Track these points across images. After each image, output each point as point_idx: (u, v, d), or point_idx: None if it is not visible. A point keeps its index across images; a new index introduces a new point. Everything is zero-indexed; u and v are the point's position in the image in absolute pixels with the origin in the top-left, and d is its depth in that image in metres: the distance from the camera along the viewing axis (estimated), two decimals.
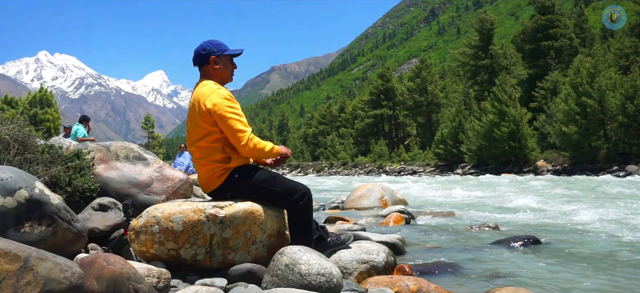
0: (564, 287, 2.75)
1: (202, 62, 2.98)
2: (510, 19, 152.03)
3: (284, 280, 2.35)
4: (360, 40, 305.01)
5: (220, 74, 2.98)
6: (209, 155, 2.85)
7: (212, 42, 3.00)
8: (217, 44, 3.00)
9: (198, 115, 2.82)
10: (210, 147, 2.84)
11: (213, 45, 2.99)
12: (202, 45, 3.00)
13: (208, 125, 2.81)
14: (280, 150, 3.00)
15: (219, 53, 2.97)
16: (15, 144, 3.46)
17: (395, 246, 3.74)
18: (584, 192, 10.99)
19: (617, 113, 25.29)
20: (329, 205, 8.70)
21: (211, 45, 2.98)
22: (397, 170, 44.29)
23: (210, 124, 2.80)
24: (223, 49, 3.00)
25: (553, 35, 40.55)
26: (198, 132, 2.86)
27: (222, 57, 2.99)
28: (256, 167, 2.98)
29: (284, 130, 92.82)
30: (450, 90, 56.32)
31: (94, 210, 3.50)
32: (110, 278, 1.98)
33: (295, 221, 2.87)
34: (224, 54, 2.99)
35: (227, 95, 2.82)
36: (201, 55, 2.98)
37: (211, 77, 2.96)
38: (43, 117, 33.82)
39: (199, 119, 2.82)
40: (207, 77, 2.96)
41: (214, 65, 2.96)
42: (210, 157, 2.85)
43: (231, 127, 2.77)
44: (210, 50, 2.96)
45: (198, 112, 2.82)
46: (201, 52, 2.98)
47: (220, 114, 2.76)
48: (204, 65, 2.98)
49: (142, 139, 62.82)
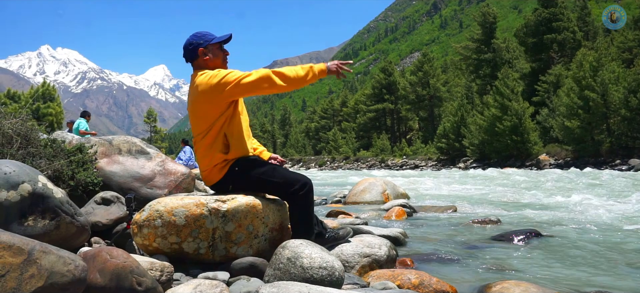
0: (566, 281, 2.75)
1: (191, 56, 2.94)
2: (513, 12, 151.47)
3: (286, 273, 2.36)
4: (362, 34, 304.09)
5: (212, 64, 2.92)
6: (211, 147, 2.84)
7: (196, 34, 2.95)
8: (203, 35, 2.94)
9: (197, 104, 2.80)
10: (211, 138, 2.83)
11: (198, 37, 2.93)
12: (188, 40, 2.95)
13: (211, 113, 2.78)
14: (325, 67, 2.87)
15: (206, 43, 2.92)
16: (18, 138, 3.47)
17: (397, 240, 3.75)
18: (587, 186, 10.97)
19: (620, 107, 25.22)
20: (331, 199, 8.71)
21: (196, 38, 2.93)
22: (399, 165, 44.29)
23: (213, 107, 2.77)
24: (209, 38, 2.94)
25: (556, 29, 40.41)
26: (199, 124, 2.84)
27: (210, 46, 2.93)
28: (256, 159, 2.96)
29: (286, 125, 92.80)
30: (452, 84, 56.19)
31: (96, 204, 3.51)
32: (113, 272, 1.99)
33: (296, 212, 2.86)
34: (211, 43, 2.93)
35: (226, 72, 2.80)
36: (189, 50, 2.93)
37: (204, 69, 2.91)
38: (46, 112, 33.88)
39: (198, 108, 2.80)
40: (201, 70, 2.91)
41: (203, 57, 2.91)
42: (211, 148, 2.84)
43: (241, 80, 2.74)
44: (197, 43, 2.91)
45: (197, 100, 2.79)
46: (188, 47, 2.93)
47: (226, 81, 2.73)
48: (194, 59, 2.94)
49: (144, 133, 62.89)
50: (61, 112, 37.38)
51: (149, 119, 54.68)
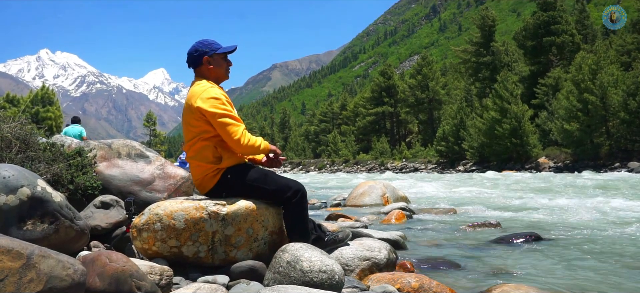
0: (566, 284, 2.75)
1: (195, 63, 2.95)
2: (512, 15, 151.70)
3: (286, 277, 2.35)
4: (362, 38, 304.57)
5: (214, 73, 2.95)
6: (202, 155, 2.84)
7: (203, 42, 2.97)
8: (209, 43, 2.96)
9: (190, 114, 2.81)
10: (202, 146, 2.83)
11: (204, 45, 2.95)
12: (194, 47, 2.97)
13: (201, 123, 2.79)
14: (269, 146, 2.96)
15: (212, 52, 2.93)
16: (17, 142, 3.47)
17: (397, 243, 3.75)
18: (586, 189, 10.97)
19: (619, 109, 25.25)
20: (331, 202, 8.70)
21: (203, 46, 2.94)
22: (399, 168, 44.30)
23: (203, 122, 2.78)
24: (215, 47, 2.95)
25: (555, 32, 40.44)
26: (191, 131, 2.85)
27: (215, 56, 2.95)
28: (248, 166, 2.95)
29: (285, 128, 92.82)
30: (451, 87, 56.23)
31: (96, 208, 3.51)
32: (112, 276, 1.98)
33: (290, 219, 2.86)
34: (216, 53, 2.95)
35: (218, 95, 2.80)
36: (194, 56, 2.95)
37: (206, 77, 2.93)
38: (45, 115, 33.85)
39: (190, 118, 2.82)
40: (203, 78, 2.93)
41: (207, 65, 2.93)
42: (202, 157, 2.84)
43: (223, 124, 2.75)
44: (203, 51, 2.93)
45: (190, 111, 2.81)
46: (193, 53, 2.95)
47: (211, 112, 2.74)
48: (198, 66, 2.95)
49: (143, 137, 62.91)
50: (60, 116, 37.36)
51: (148, 122, 54.69)
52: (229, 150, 2.86)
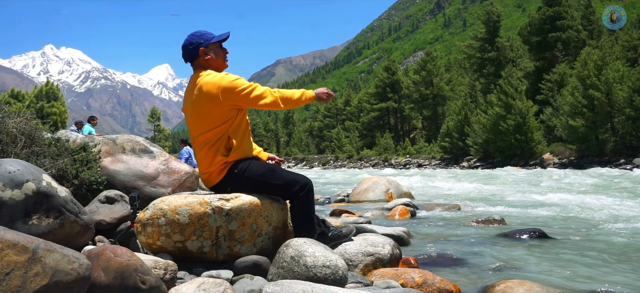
0: (570, 280, 2.74)
1: (192, 56, 2.90)
2: (517, 10, 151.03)
3: (290, 272, 2.36)
4: (366, 33, 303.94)
5: (214, 63, 2.91)
6: (213, 149, 2.81)
7: (196, 34, 2.92)
8: (202, 34, 2.91)
9: (208, 102, 2.75)
10: (215, 140, 2.81)
11: (198, 36, 2.90)
12: (187, 40, 2.91)
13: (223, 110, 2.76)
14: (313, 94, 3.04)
15: (207, 42, 2.89)
16: (23, 137, 3.48)
17: (400, 239, 3.75)
18: (591, 185, 10.94)
19: (625, 106, 25.09)
20: (335, 198, 8.71)
21: (196, 38, 2.89)
22: (403, 163, 44.22)
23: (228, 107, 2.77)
24: (209, 37, 2.91)
25: (560, 27, 40.23)
26: (205, 122, 2.79)
27: (211, 45, 2.90)
28: (255, 160, 2.93)
29: (289, 124, 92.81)
30: (456, 82, 56.07)
31: (100, 203, 3.52)
32: (117, 270, 1.99)
33: (297, 213, 2.84)
34: (211, 42, 2.90)
35: (237, 76, 2.81)
36: (189, 50, 2.89)
37: (206, 68, 2.88)
38: (49, 111, 34.03)
39: (209, 106, 2.75)
40: (203, 69, 2.88)
41: (204, 57, 2.88)
42: (213, 150, 2.81)
43: (258, 97, 2.80)
44: (197, 43, 2.88)
45: (208, 98, 2.74)
46: (188, 46, 2.89)
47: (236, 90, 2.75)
48: (195, 59, 2.90)
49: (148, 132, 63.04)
50: (65, 111, 37.53)
51: (152, 118, 54.79)
52: (240, 143, 2.84)
